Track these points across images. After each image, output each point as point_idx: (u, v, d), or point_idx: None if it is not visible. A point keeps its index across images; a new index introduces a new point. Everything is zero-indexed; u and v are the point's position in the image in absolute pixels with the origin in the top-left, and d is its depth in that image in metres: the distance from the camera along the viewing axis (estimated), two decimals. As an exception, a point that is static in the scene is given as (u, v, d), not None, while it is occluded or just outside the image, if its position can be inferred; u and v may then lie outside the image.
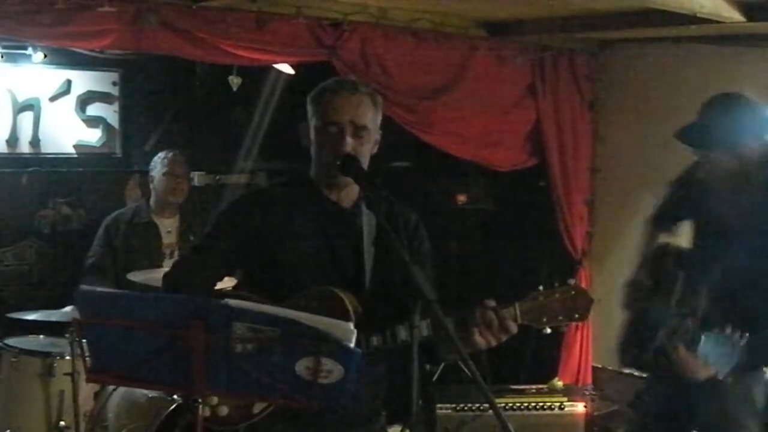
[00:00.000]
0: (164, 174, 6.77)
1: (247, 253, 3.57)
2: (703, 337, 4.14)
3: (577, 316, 3.52)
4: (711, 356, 4.12)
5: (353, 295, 3.48)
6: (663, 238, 4.83)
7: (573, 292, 3.50)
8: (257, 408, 3.42)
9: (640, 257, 4.88)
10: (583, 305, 3.52)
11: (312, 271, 3.53)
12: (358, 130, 3.51)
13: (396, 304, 3.46)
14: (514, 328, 3.41)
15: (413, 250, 3.65)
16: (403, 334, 3.40)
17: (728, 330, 4.03)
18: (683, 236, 4.84)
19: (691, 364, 4.23)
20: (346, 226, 3.60)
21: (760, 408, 4.57)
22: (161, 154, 6.88)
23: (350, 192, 3.63)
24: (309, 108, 3.61)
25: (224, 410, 3.37)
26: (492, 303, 3.42)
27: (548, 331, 3.51)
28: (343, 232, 3.60)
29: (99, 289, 3.06)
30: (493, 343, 3.41)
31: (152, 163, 6.87)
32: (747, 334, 4.00)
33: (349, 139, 3.48)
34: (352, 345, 2.88)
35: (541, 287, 3.49)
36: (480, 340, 3.39)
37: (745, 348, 4.16)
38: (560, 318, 3.49)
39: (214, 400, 3.33)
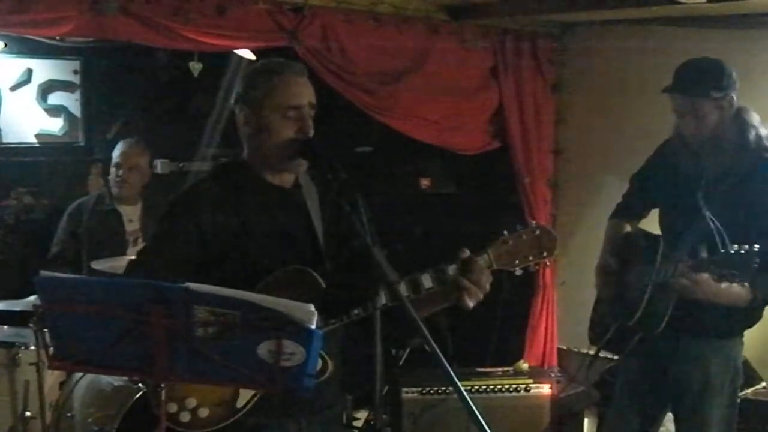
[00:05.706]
0: (113, 165, 6.71)
1: (199, 256, 3.43)
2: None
3: (545, 253, 3.60)
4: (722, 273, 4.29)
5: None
6: (628, 228, 5.01)
7: (538, 232, 3.57)
8: (241, 402, 3.36)
9: (606, 243, 4.99)
10: (549, 242, 3.60)
11: (270, 258, 3.45)
12: (311, 111, 3.51)
13: (358, 278, 3.45)
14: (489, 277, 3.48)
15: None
16: (384, 298, 3.36)
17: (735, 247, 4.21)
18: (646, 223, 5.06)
19: (703, 284, 4.39)
20: (293, 208, 3.57)
21: (740, 373, 4.75)
22: (118, 145, 6.79)
23: (291, 173, 3.60)
24: (251, 91, 3.54)
25: (205, 412, 3.33)
26: (467, 253, 3.47)
27: (519, 272, 3.58)
28: (291, 213, 3.56)
29: (59, 275, 3.03)
30: (480, 297, 3.45)
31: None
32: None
33: (311, 122, 3.49)
34: (313, 326, 2.86)
35: (505, 232, 3.54)
36: (467, 299, 3.41)
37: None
38: (530, 258, 3.57)
39: (193, 402, 3.31)
